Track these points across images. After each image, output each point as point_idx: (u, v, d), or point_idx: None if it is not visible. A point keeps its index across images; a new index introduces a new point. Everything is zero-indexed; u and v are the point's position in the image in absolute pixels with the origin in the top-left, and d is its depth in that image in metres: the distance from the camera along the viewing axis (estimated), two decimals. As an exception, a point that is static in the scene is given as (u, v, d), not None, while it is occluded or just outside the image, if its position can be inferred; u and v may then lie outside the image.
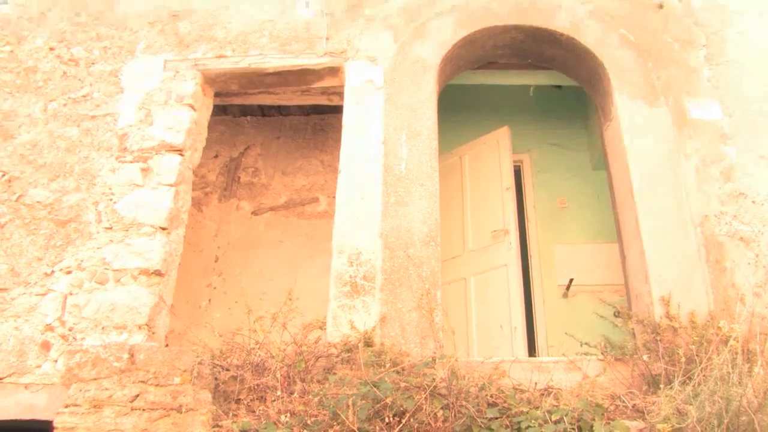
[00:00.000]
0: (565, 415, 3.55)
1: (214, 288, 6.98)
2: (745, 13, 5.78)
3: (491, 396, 3.84)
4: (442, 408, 3.58)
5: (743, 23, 5.73)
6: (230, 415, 3.84)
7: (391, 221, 4.91)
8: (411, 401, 3.55)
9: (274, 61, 5.65)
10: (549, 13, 5.71)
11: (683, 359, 4.01)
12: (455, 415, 3.61)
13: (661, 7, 5.77)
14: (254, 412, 3.85)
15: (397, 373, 3.87)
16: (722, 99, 5.39)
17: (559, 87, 7.40)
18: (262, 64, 5.65)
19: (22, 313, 4.75)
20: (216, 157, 7.65)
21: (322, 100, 6.27)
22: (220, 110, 7.41)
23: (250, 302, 4.51)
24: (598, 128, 6.38)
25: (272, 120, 7.87)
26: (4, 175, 5.24)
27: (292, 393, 3.94)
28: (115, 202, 5.08)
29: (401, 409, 3.52)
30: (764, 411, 3.30)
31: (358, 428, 3.42)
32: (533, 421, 3.55)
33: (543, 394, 4.03)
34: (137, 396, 3.73)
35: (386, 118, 5.30)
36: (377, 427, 3.47)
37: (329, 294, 4.71)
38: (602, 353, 4.53)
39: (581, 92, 6.64)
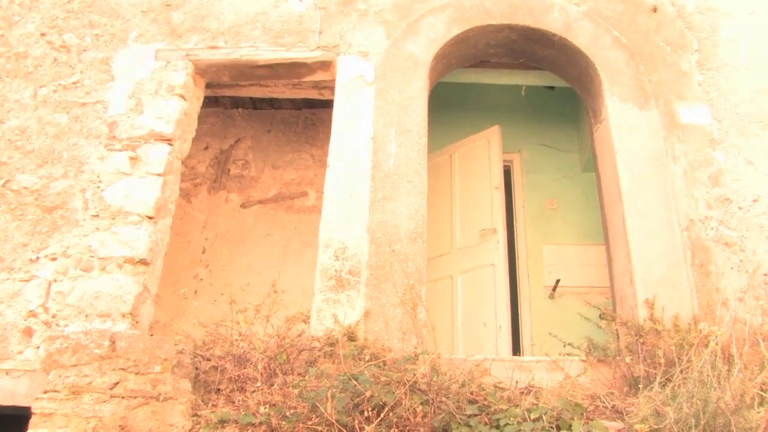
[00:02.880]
0: (544, 414, 3.56)
1: (201, 279, 6.97)
2: (736, 15, 5.80)
3: (472, 393, 3.85)
4: (421, 403, 3.58)
5: (734, 27, 5.75)
6: (209, 404, 3.83)
7: (378, 217, 4.91)
8: (391, 395, 3.55)
9: (266, 53, 5.64)
10: (542, 13, 5.71)
11: (663, 361, 4.02)
12: (435, 411, 3.61)
13: (654, 10, 5.78)
14: (234, 402, 3.84)
15: (379, 367, 3.87)
16: (712, 104, 5.41)
17: (551, 88, 7.42)
18: (254, 56, 5.63)
19: (6, 299, 4.73)
20: (206, 148, 7.64)
21: (314, 94, 6.27)
22: (211, 102, 7.40)
23: (236, 295, 4.50)
24: (588, 130, 6.39)
25: (264, 113, 7.85)
26: (-9, 160, 5.23)
27: (272, 385, 3.93)
28: (102, 190, 5.06)
29: (381, 403, 3.52)
30: (741, 413, 3.32)
31: (337, 420, 3.42)
32: (512, 419, 3.55)
33: (523, 393, 4.03)
34: (117, 383, 3.73)
35: (376, 113, 5.30)
36: (356, 420, 3.46)
37: (314, 288, 4.71)
38: (585, 354, 4.54)
39: (573, 93, 6.66)
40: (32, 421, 3.71)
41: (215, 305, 6.27)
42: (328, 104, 6.21)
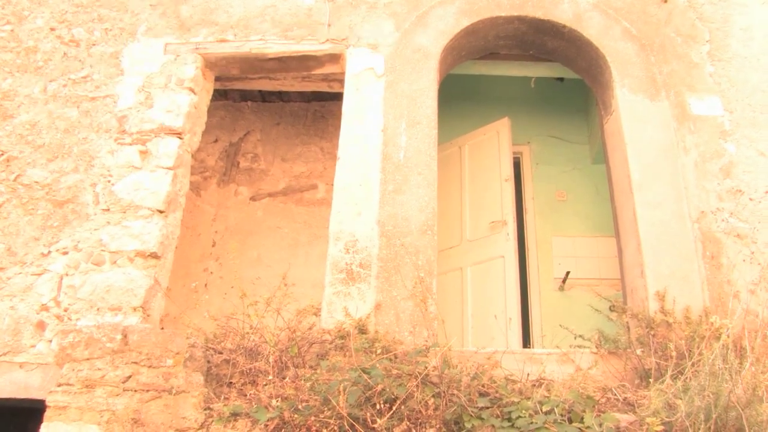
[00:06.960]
0: (556, 407, 3.55)
1: (211, 273, 6.99)
2: (748, 5, 5.75)
3: (483, 386, 3.84)
4: (433, 396, 3.58)
5: (746, 17, 5.71)
6: (221, 398, 3.84)
7: (389, 209, 4.91)
8: (402, 388, 3.54)
9: (275, 46, 5.64)
10: (552, 5, 5.69)
11: (674, 353, 4.01)
12: (446, 404, 3.60)
13: (665, 1, 5.74)
14: (245, 395, 3.85)
15: (390, 360, 3.87)
16: (724, 95, 5.37)
17: (561, 79, 7.40)
18: (263, 49, 5.63)
19: (18, 293, 4.76)
20: (215, 141, 7.65)
21: (323, 87, 6.26)
22: (220, 95, 7.42)
23: (247, 288, 4.52)
24: (598, 121, 6.36)
25: (273, 106, 7.86)
26: (2, 155, 5.24)
27: (284, 378, 3.94)
28: (113, 184, 5.07)
29: (392, 396, 3.52)
30: (752, 406, 3.31)
31: (349, 414, 3.43)
32: (524, 412, 3.54)
33: (535, 385, 4.02)
34: (129, 377, 3.74)
35: (386, 106, 5.29)
36: (368, 414, 3.47)
37: (325, 280, 4.71)
38: (596, 346, 4.54)
39: (582, 85, 6.63)
40: (47, 414, 3.72)
41: (225, 298, 6.28)
42: (337, 97, 6.21)
